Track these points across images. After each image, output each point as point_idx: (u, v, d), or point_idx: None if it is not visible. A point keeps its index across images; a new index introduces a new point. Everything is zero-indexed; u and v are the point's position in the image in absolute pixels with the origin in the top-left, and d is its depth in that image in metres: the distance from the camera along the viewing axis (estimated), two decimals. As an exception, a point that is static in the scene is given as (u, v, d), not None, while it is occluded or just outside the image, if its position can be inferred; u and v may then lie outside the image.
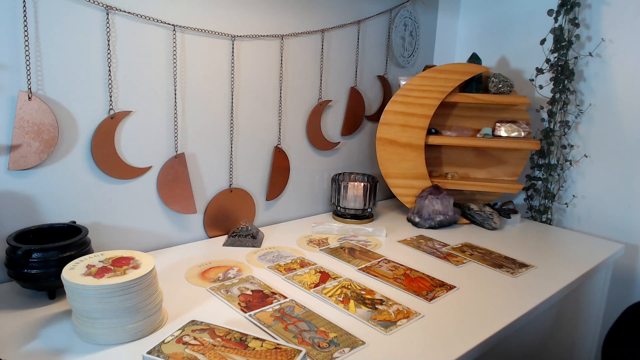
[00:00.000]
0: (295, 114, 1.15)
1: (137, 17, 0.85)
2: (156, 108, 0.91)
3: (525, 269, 0.93)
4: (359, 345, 0.63)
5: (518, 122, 1.22)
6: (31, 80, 0.76)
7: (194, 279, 0.82)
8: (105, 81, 0.84)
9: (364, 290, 0.79)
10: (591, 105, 1.24)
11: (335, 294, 0.77)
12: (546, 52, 1.25)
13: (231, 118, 1.03)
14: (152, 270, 0.64)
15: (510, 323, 0.72)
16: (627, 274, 1.22)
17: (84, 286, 0.59)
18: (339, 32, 1.20)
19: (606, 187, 1.23)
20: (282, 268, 0.86)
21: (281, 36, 1.08)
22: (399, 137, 1.19)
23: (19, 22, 0.74)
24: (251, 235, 1.00)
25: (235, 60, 1.01)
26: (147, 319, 0.63)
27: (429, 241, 1.07)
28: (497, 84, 1.20)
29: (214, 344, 0.58)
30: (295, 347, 0.58)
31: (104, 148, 0.85)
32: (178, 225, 0.99)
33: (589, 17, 1.22)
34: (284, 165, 1.15)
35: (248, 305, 0.72)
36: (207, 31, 0.95)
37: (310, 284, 0.80)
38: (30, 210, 0.80)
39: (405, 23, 1.37)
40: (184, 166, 0.96)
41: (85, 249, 0.74)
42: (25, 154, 0.76)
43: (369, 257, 0.94)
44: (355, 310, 0.72)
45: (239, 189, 1.08)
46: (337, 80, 1.23)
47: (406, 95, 1.18)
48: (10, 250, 0.70)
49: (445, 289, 0.82)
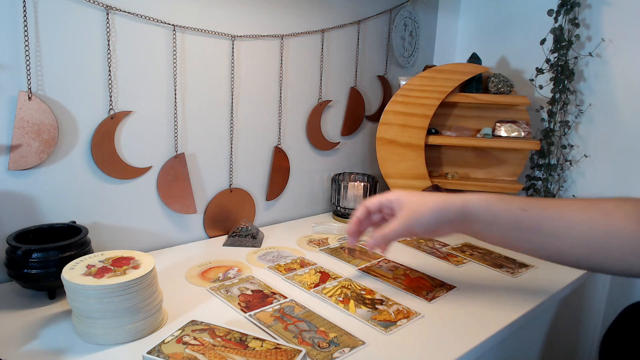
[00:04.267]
0: (295, 114, 1.16)
1: (137, 17, 0.85)
2: (156, 108, 0.91)
3: (525, 269, 0.93)
4: (359, 345, 0.63)
5: (518, 122, 1.22)
6: (31, 80, 0.76)
7: (194, 279, 0.82)
8: (105, 81, 0.84)
9: (364, 290, 0.79)
10: (591, 105, 1.24)
11: (335, 294, 0.77)
12: (546, 52, 1.25)
13: (231, 118, 1.03)
14: (152, 270, 0.64)
15: (510, 323, 0.72)
16: (627, 274, 1.22)
17: (84, 286, 0.59)
18: (339, 32, 1.20)
19: (606, 187, 1.23)
20: (282, 268, 0.86)
21: (281, 36, 1.08)
22: (399, 137, 1.19)
23: (19, 22, 0.74)
24: (251, 235, 1.00)
25: (235, 60, 1.01)
26: (147, 319, 0.63)
27: (429, 241, 1.07)
28: (497, 84, 1.20)
29: (214, 344, 0.58)
30: (295, 347, 0.58)
31: (104, 148, 0.85)
32: (178, 225, 0.99)
33: (589, 17, 1.22)
34: (284, 165, 1.15)
35: (248, 305, 0.72)
36: (207, 31, 0.95)
37: (310, 284, 0.80)
38: (30, 210, 0.80)
39: (405, 23, 1.37)
40: (184, 166, 0.96)
41: (85, 249, 0.74)
42: (25, 154, 0.77)
43: (369, 257, 0.94)
44: (355, 310, 0.72)
45: (239, 189, 1.08)
46: (337, 80, 1.23)
47: (406, 95, 1.18)
48: (10, 250, 0.70)
49: (445, 289, 0.82)
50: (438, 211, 0.69)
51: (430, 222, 0.70)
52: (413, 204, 0.71)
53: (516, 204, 0.66)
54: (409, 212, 0.71)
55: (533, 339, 0.90)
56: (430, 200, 0.70)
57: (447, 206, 0.69)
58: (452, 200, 0.69)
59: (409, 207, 0.71)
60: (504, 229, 0.67)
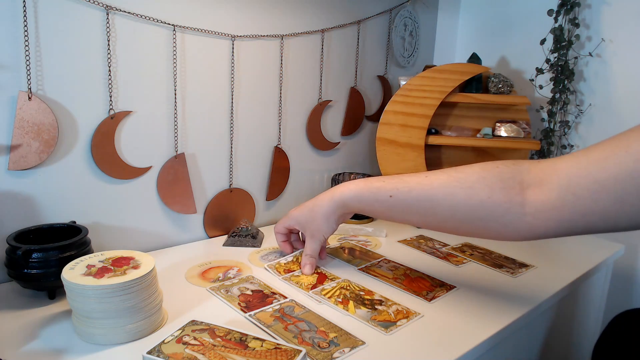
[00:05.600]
0: (295, 114, 1.16)
1: (137, 17, 0.86)
2: (156, 108, 0.91)
3: (525, 269, 0.93)
4: (359, 345, 0.63)
5: (518, 122, 1.22)
6: (31, 80, 0.76)
7: (194, 279, 0.82)
8: (105, 81, 0.84)
9: (363, 291, 0.79)
10: (591, 105, 1.24)
11: (334, 295, 0.77)
12: (546, 52, 1.25)
13: (231, 118, 1.03)
14: (152, 270, 0.64)
15: (510, 323, 0.72)
16: (627, 274, 1.22)
17: (84, 286, 0.59)
18: (339, 32, 1.20)
19: (606, 187, 1.23)
20: (281, 269, 0.86)
21: (281, 36, 1.08)
22: (399, 137, 1.19)
23: (19, 22, 0.74)
24: (251, 235, 1.00)
25: (235, 60, 1.01)
26: (147, 319, 0.63)
27: (429, 241, 1.07)
28: (497, 84, 1.20)
29: (214, 344, 0.58)
30: (295, 347, 0.58)
31: (104, 148, 0.85)
32: (178, 225, 0.99)
33: (589, 17, 1.22)
34: (284, 165, 1.15)
35: (248, 305, 0.72)
36: (207, 31, 0.95)
37: (307, 284, 0.80)
38: (30, 210, 0.80)
39: (405, 23, 1.37)
40: (184, 166, 0.96)
41: (85, 249, 0.74)
42: (25, 154, 0.77)
43: (369, 257, 0.94)
44: (355, 311, 0.72)
45: (239, 189, 1.08)
46: (337, 80, 1.23)
47: (406, 95, 1.18)
48: (10, 250, 0.70)
49: (445, 289, 0.82)
50: (328, 216, 0.81)
51: (330, 228, 0.82)
52: (311, 225, 0.83)
53: (384, 191, 0.73)
54: (312, 232, 0.83)
55: (533, 339, 0.90)
56: (318, 211, 0.81)
57: (332, 206, 0.80)
58: (335, 201, 0.79)
59: (310, 228, 0.83)
60: (379, 212, 0.76)
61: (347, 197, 0.78)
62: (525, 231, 0.63)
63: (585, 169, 0.57)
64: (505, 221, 0.64)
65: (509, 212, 0.63)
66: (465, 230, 0.69)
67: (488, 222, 0.65)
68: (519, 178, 0.64)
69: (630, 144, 0.54)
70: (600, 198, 0.55)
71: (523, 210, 0.62)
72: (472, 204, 0.65)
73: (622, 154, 0.54)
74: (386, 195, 0.73)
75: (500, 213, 0.64)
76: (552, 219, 0.60)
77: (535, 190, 0.62)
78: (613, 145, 0.56)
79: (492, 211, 0.64)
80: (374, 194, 0.74)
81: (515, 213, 0.63)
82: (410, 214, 0.72)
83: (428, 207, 0.69)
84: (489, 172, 0.66)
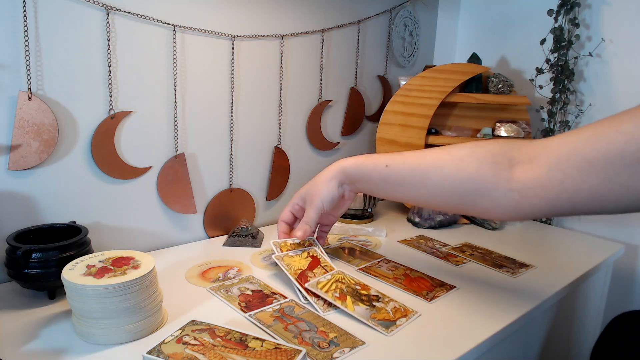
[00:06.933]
0: (295, 114, 1.16)
1: (137, 17, 0.86)
2: (156, 108, 0.91)
3: (525, 269, 0.93)
4: (358, 345, 0.63)
5: (518, 122, 1.22)
6: (31, 80, 0.76)
7: (194, 279, 0.82)
8: (105, 81, 0.84)
9: (359, 285, 0.79)
10: (591, 105, 1.24)
11: (330, 289, 0.76)
12: (546, 52, 1.25)
13: (231, 118, 1.03)
14: (152, 270, 0.64)
15: (510, 323, 0.72)
16: (627, 274, 1.22)
17: (84, 286, 0.59)
18: (339, 32, 1.20)
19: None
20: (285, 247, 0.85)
21: (281, 36, 1.08)
22: (399, 137, 1.19)
23: (19, 22, 0.74)
24: (251, 235, 1.00)
25: (235, 60, 1.01)
26: (147, 319, 0.63)
27: (429, 241, 1.07)
28: (497, 84, 1.20)
29: (214, 344, 0.58)
30: (295, 347, 0.58)
31: (104, 148, 0.85)
32: (178, 225, 0.99)
33: (589, 17, 1.22)
34: (284, 165, 1.15)
35: (248, 305, 0.72)
36: (207, 31, 0.95)
37: (297, 269, 0.79)
38: (30, 210, 0.80)
39: (405, 23, 1.37)
40: (184, 166, 0.96)
41: (85, 249, 0.74)
42: (25, 154, 0.77)
43: (369, 257, 0.94)
44: (353, 308, 0.72)
45: (239, 189, 1.08)
46: (337, 80, 1.23)
47: (406, 95, 1.18)
48: (10, 250, 0.70)
49: (445, 289, 0.82)
50: (329, 181, 0.80)
51: (329, 193, 0.81)
52: (311, 190, 0.83)
53: (382, 161, 0.75)
54: (311, 197, 0.82)
55: (532, 339, 0.90)
56: (321, 178, 0.82)
57: (334, 173, 0.81)
58: (336, 167, 0.81)
59: (310, 194, 0.83)
60: (376, 184, 0.76)
61: (347, 164, 0.80)
62: (512, 209, 0.63)
63: (575, 147, 0.56)
64: (493, 197, 0.63)
65: (496, 187, 0.63)
66: (455, 205, 0.69)
67: (476, 197, 0.65)
68: (509, 154, 0.63)
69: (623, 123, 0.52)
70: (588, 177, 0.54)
71: (510, 186, 0.62)
72: (461, 177, 0.66)
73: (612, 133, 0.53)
74: (382, 165, 0.74)
75: (488, 188, 0.64)
76: (539, 197, 0.59)
77: (524, 167, 0.61)
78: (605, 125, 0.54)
79: (480, 185, 0.64)
80: (372, 162, 0.76)
81: (503, 189, 0.62)
82: (403, 185, 0.73)
83: (419, 179, 0.70)
84: (481, 148, 0.66)
